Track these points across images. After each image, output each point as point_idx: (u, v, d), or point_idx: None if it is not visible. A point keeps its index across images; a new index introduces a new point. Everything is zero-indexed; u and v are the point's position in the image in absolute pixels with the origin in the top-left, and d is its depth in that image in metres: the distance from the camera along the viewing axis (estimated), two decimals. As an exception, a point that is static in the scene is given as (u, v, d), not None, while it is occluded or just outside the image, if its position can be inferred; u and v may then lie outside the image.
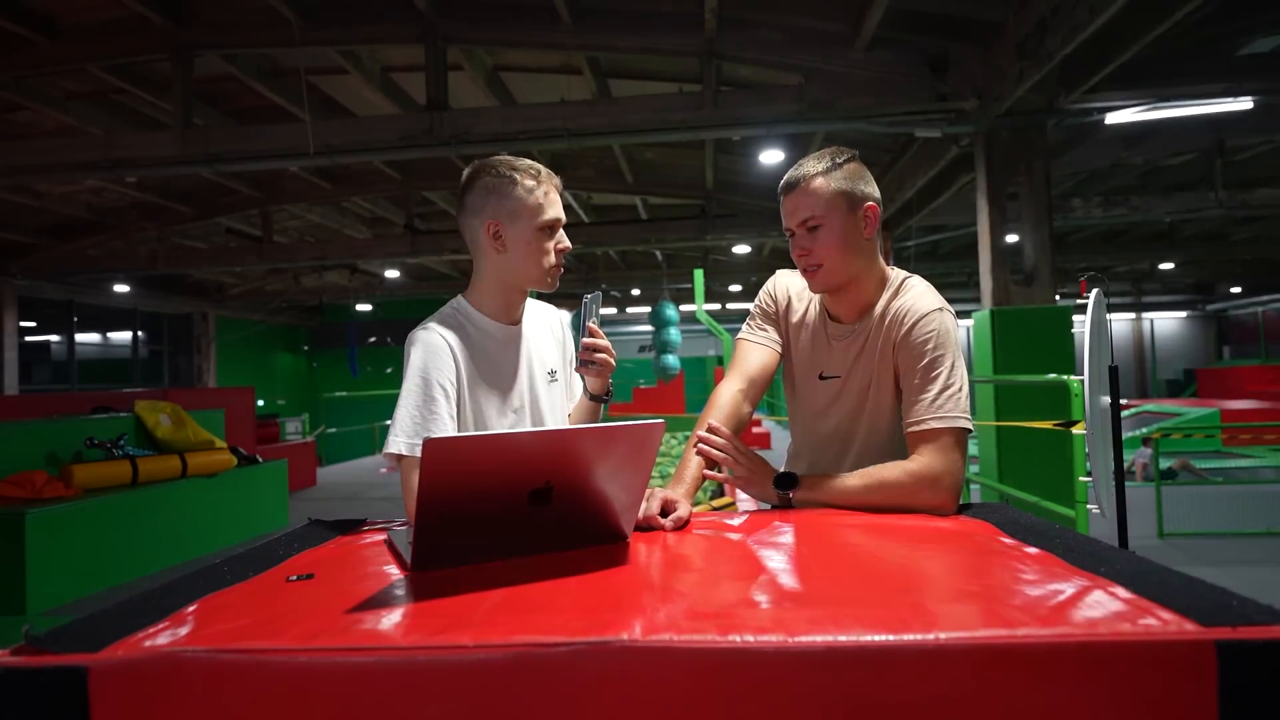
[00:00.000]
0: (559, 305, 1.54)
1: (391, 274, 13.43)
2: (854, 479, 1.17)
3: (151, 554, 4.65)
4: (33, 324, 11.90)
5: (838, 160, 1.25)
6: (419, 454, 1.11)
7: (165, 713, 0.60)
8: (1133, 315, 21.28)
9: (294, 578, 0.84)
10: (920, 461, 1.15)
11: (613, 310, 18.16)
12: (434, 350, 1.23)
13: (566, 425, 1.39)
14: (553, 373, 1.40)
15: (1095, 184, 9.31)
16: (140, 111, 6.67)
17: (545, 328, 1.44)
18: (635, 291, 16.07)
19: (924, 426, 1.17)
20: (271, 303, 15.67)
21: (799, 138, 6.99)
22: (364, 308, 15.29)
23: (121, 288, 12.03)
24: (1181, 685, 0.57)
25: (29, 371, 11.67)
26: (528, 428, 1.32)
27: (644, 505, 1.05)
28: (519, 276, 1.29)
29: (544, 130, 5.66)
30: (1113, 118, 5.33)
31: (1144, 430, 8.62)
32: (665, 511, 1.09)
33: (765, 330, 1.41)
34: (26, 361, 11.48)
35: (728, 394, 1.34)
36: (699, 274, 8.05)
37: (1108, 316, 2.57)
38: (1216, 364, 19.86)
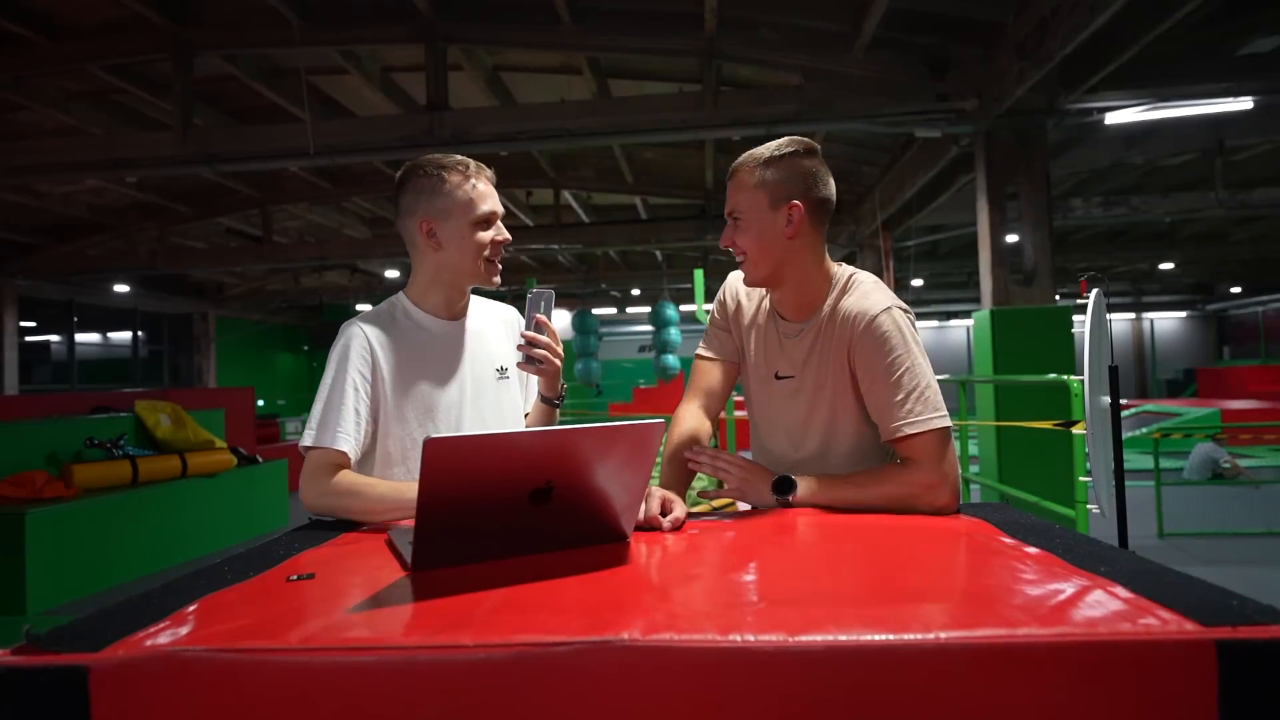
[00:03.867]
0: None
1: (391, 274, 13.43)
2: (853, 486, 1.16)
3: (151, 554, 4.65)
4: (33, 324, 11.90)
5: (780, 152, 1.21)
6: (318, 445, 1.20)
7: (166, 712, 0.60)
8: (1133, 315, 21.29)
9: (294, 578, 0.84)
10: (915, 470, 1.14)
11: (613, 310, 18.17)
12: (349, 345, 1.25)
13: (513, 424, 1.38)
14: (502, 369, 1.38)
15: (1095, 184, 9.32)
16: (140, 111, 6.68)
17: (498, 325, 1.42)
18: (635, 291, 16.08)
19: (904, 434, 1.15)
20: (271, 303, 15.68)
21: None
22: (364, 308, 15.25)
23: (121, 288, 12.04)
24: (1181, 685, 0.57)
25: (29, 371, 11.67)
26: (466, 425, 1.30)
27: (644, 505, 1.05)
28: (456, 273, 1.30)
29: (544, 130, 5.66)
30: (1113, 118, 5.33)
31: (1149, 427, 8.63)
32: (664, 511, 1.09)
33: (719, 342, 1.40)
34: (26, 361, 11.48)
35: (689, 414, 1.36)
36: (699, 274, 8.04)
37: (1108, 316, 2.57)
38: (1216, 364, 19.86)
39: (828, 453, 1.28)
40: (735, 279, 1.38)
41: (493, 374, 1.36)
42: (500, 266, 1.32)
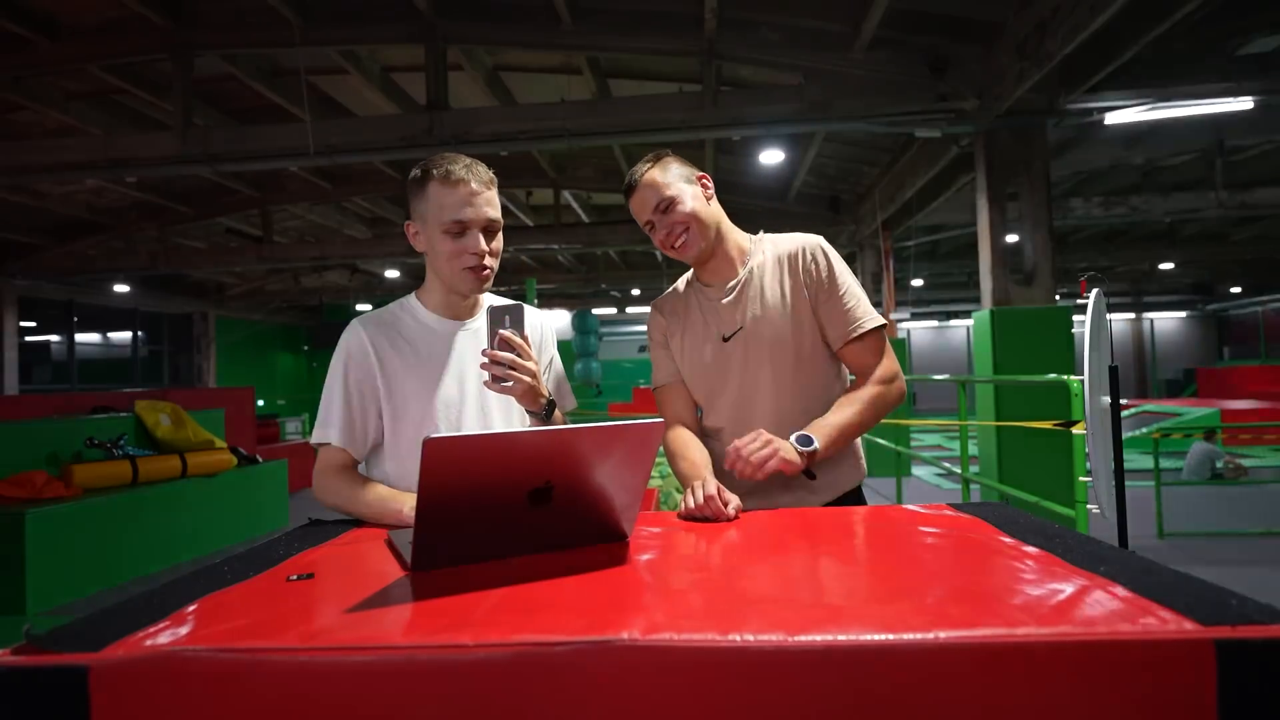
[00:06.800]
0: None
1: (391, 274, 13.44)
2: (848, 411, 1.31)
3: (151, 554, 4.65)
4: (33, 324, 11.90)
5: (659, 158, 1.39)
6: (324, 441, 1.26)
7: (165, 712, 0.60)
8: (1133, 315, 21.29)
9: (294, 577, 0.84)
10: (878, 370, 1.36)
11: (613, 310, 18.17)
12: (347, 343, 1.29)
13: (519, 426, 1.34)
14: None
15: (1095, 184, 9.32)
16: (140, 111, 6.68)
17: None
18: (635, 291, 16.08)
19: (861, 330, 1.36)
20: (271, 303, 15.68)
21: (799, 138, 6.99)
22: (364, 308, 15.33)
23: (121, 288, 12.04)
24: (1181, 684, 0.57)
25: (29, 371, 11.67)
26: (467, 424, 1.29)
27: (696, 493, 1.14)
28: (439, 276, 1.30)
29: (544, 130, 5.66)
30: (1113, 118, 5.33)
31: (1149, 427, 8.62)
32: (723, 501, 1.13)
33: (668, 366, 1.48)
34: (26, 361, 11.48)
35: (687, 435, 1.42)
36: (699, 274, 8.06)
37: (1108, 316, 2.57)
38: (1216, 364, 19.86)
39: (786, 384, 1.38)
40: (654, 306, 1.54)
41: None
42: (483, 276, 1.27)
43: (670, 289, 1.54)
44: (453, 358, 1.31)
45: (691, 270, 1.50)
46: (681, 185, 1.36)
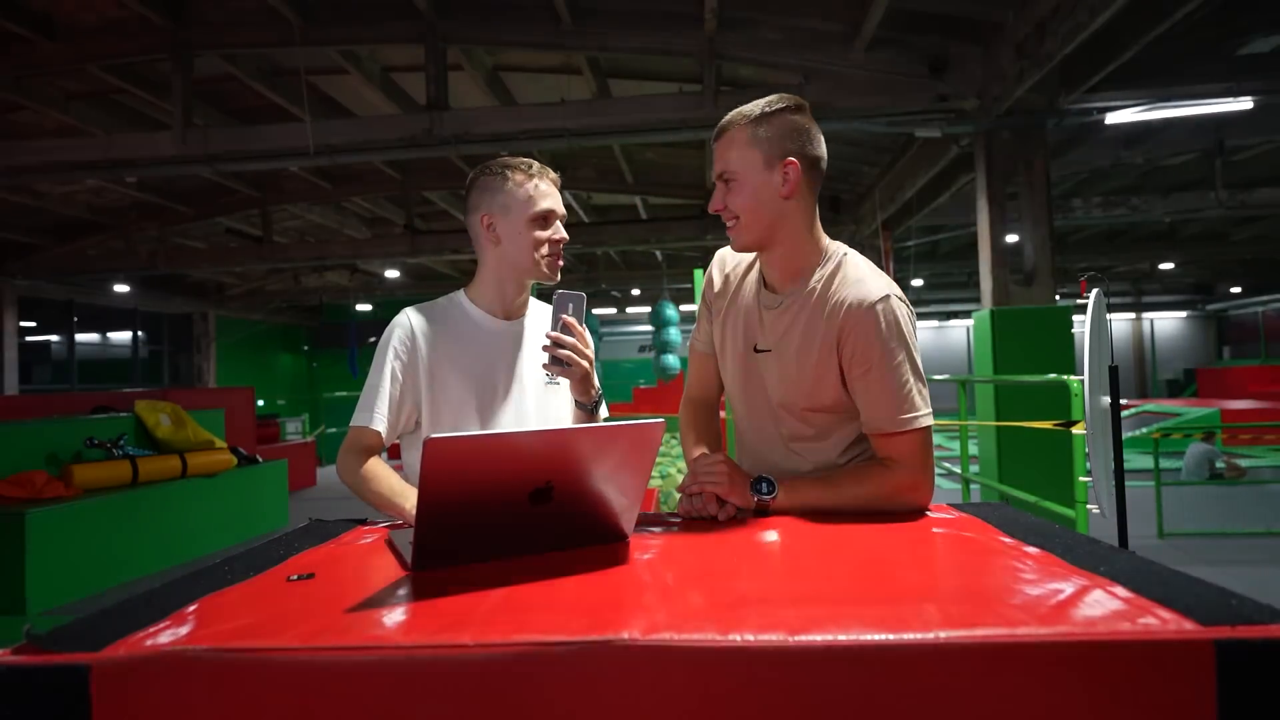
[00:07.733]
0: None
1: (391, 274, 13.43)
2: (831, 487, 1.14)
3: (151, 554, 4.66)
4: (33, 324, 11.89)
5: (772, 108, 1.14)
6: (361, 424, 1.29)
7: (166, 712, 0.60)
8: (1133, 315, 21.28)
9: (294, 577, 0.84)
10: (897, 470, 1.13)
11: (612, 310, 18.17)
12: (393, 332, 1.32)
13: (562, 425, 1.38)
14: (552, 374, 1.39)
15: (1095, 184, 9.32)
16: (140, 111, 6.67)
17: None
18: (635, 291, 16.07)
19: (890, 430, 1.12)
20: (271, 303, 15.66)
21: (799, 138, 6.98)
22: (364, 308, 15.29)
23: (121, 288, 12.02)
24: (1180, 684, 0.57)
25: (29, 371, 11.66)
26: (509, 423, 1.33)
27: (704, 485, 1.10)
28: (514, 267, 1.34)
29: (544, 130, 5.66)
30: (1113, 118, 5.33)
31: (1149, 427, 8.63)
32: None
33: (705, 333, 1.37)
34: (26, 361, 11.47)
35: (698, 412, 1.39)
36: (699, 274, 8.06)
37: (1108, 316, 2.57)
38: (1216, 364, 19.85)
39: (801, 432, 1.22)
40: (723, 252, 1.35)
41: (541, 377, 1.38)
42: (560, 264, 1.35)
43: None
44: (497, 355, 1.35)
45: None
46: (755, 171, 1.13)
